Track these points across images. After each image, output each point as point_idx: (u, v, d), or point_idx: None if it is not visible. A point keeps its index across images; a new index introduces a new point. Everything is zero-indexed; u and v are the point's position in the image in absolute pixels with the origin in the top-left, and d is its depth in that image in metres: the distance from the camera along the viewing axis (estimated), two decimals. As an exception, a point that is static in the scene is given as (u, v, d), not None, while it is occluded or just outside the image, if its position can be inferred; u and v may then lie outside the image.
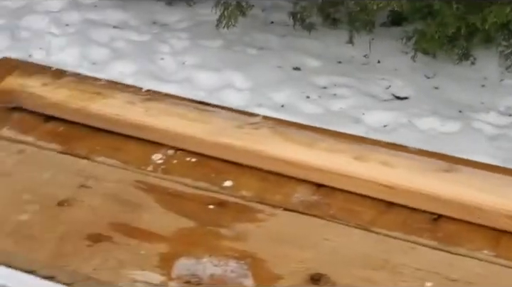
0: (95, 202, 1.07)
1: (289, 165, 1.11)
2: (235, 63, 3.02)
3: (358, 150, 1.12)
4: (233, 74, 2.95)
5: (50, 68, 1.36)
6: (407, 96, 2.86)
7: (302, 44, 3.15)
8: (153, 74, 2.98)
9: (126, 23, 3.39)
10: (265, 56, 3.09)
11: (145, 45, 3.19)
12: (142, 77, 2.96)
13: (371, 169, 1.09)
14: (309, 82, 2.93)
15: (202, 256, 0.98)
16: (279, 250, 1.00)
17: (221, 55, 3.09)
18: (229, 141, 1.14)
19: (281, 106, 2.79)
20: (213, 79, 2.93)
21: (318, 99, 2.82)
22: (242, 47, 3.16)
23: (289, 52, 3.11)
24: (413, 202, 1.06)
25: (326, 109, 2.77)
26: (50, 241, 1.01)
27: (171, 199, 1.09)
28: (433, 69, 3.00)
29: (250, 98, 2.84)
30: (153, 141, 1.17)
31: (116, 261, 0.98)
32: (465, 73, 3.02)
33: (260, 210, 1.07)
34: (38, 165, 1.15)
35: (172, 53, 3.14)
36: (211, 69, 2.98)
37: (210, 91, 2.84)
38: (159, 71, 3.03)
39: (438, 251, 1.00)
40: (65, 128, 1.24)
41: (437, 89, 2.92)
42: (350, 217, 1.06)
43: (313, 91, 2.87)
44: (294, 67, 3.04)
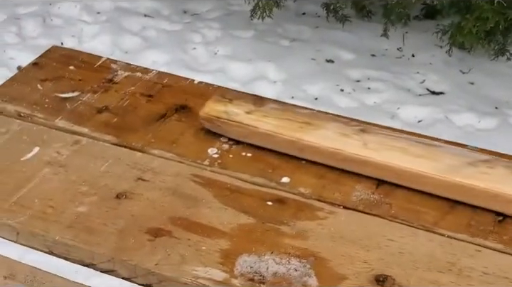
0: (153, 196, 1.06)
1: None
2: (267, 54, 3.00)
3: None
4: (266, 65, 2.93)
5: (247, 94, 1.26)
6: (443, 91, 2.82)
7: (335, 36, 3.12)
8: (186, 64, 2.96)
9: (157, 12, 3.38)
10: (298, 48, 3.06)
11: (177, 35, 3.17)
12: (175, 66, 2.94)
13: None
14: (343, 74, 2.90)
15: (264, 253, 0.97)
16: (342, 249, 0.98)
17: (253, 45, 3.07)
18: (463, 180, 1.04)
19: (314, 98, 2.77)
20: (246, 70, 2.91)
21: (352, 93, 2.80)
22: (275, 38, 3.13)
23: (322, 44, 3.08)
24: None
25: (361, 102, 2.74)
26: (110, 235, 1.00)
27: (229, 194, 1.07)
28: (468, 64, 2.96)
29: (283, 90, 2.82)
30: (372, 177, 1.09)
31: (179, 256, 0.96)
32: (501, 69, 2.98)
33: (320, 208, 1.05)
34: (94, 156, 1.14)
35: (204, 43, 3.12)
36: (244, 60, 2.97)
37: (243, 82, 2.82)
38: (192, 61, 3.02)
39: (505, 254, 0.98)
40: (118, 119, 1.23)
41: (473, 84, 2.88)
42: (412, 218, 1.04)
43: (347, 84, 2.85)
44: (327, 59, 3.01)
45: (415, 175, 1.06)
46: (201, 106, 1.26)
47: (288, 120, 1.15)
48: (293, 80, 2.86)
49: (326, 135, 1.12)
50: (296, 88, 2.82)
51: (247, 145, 1.17)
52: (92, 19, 3.27)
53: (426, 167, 1.06)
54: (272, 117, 1.15)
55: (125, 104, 1.27)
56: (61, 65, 1.37)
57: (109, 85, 1.31)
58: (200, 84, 1.33)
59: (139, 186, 1.08)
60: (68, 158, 1.14)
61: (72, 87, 1.31)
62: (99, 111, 1.25)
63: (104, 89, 1.30)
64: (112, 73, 1.35)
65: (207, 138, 1.19)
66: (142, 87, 1.31)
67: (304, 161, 1.14)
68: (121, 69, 1.36)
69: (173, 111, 1.25)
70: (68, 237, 0.99)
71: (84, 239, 0.99)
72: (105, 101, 1.27)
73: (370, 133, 1.13)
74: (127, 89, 1.30)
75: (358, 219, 1.03)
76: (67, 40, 3.15)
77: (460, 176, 1.05)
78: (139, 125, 1.22)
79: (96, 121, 1.23)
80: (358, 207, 1.06)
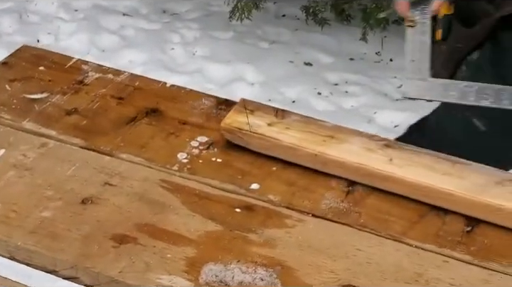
0: (120, 201, 1.05)
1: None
2: (246, 56, 2.98)
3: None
4: (244, 67, 2.92)
5: (268, 106, 1.21)
6: (419, 97, 2.83)
7: (314, 39, 3.11)
8: (163, 64, 2.94)
9: (136, 11, 3.34)
10: (277, 50, 3.05)
11: (155, 34, 3.14)
12: (152, 66, 2.92)
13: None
14: (321, 77, 2.89)
15: (230, 261, 0.96)
16: (309, 258, 0.97)
17: (232, 47, 3.05)
18: (492, 199, 1.02)
19: (292, 101, 2.76)
20: (224, 71, 2.89)
21: (330, 96, 2.79)
22: (254, 40, 3.12)
23: (301, 47, 3.07)
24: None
25: (338, 106, 2.74)
26: (74, 241, 0.98)
27: (197, 201, 1.06)
28: (446, 70, 2.97)
29: (261, 92, 2.80)
30: (397, 194, 1.06)
31: (143, 263, 0.95)
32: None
33: (288, 216, 1.04)
34: (61, 159, 1.12)
35: (182, 43, 3.10)
36: (222, 61, 2.95)
37: (220, 84, 2.80)
38: (170, 61, 2.99)
39: (472, 265, 0.98)
40: (88, 122, 1.21)
41: (450, 90, 2.89)
42: (381, 227, 1.03)
43: (324, 87, 2.84)
44: (305, 62, 3.00)
45: (441, 193, 1.04)
46: (172, 109, 1.25)
47: (311, 133, 1.13)
48: (271, 82, 2.85)
49: (350, 149, 1.10)
50: (274, 90, 2.81)
51: (217, 151, 1.16)
52: (70, 17, 3.23)
53: (453, 185, 1.04)
54: (294, 130, 1.13)
55: (95, 107, 1.25)
56: (31, 65, 1.35)
57: (79, 87, 1.29)
58: (172, 88, 1.31)
59: (106, 191, 1.06)
60: (34, 161, 1.12)
61: (42, 87, 1.28)
62: (68, 114, 1.23)
63: (74, 90, 1.28)
64: (82, 74, 1.33)
65: (177, 143, 1.17)
66: (113, 89, 1.29)
67: (274, 167, 1.13)
68: (93, 70, 1.34)
69: (144, 114, 1.23)
70: (31, 243, 0.97)
71: (47, 245, 0.97)
72: (75, 103, 1.25)
73: (395, 148, 1.11)
74: (98, 91, 1.28)
75: (326, 228, 1.03)
76: (43, 37, 3.11)
77: (487, 195, 1.03)
78: (109, 128, 1.20)
79: (64, 123, 1.20)
80: (327, 216, 1.05)
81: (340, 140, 1.12)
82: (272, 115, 1.16)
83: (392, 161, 1.08)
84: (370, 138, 1.13)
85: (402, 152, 1.11)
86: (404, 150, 1.11)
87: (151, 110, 1.24)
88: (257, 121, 1.15)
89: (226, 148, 1.16)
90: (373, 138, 1.13)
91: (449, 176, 1.06)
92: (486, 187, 1.04)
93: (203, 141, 1.18)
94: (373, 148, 1.11)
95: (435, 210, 1.06)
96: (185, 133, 1.19)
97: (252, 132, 1.13)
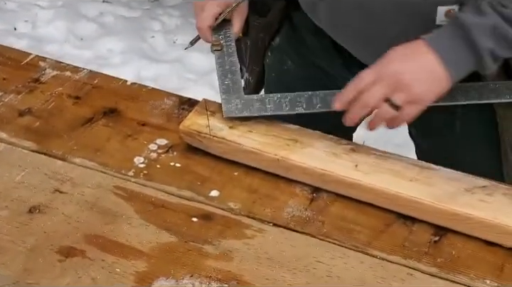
0: (69, 210, 0.99)
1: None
2: (227, 44, 2.91)
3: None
4: (225, 56, 2.85)
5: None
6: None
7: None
8: (143, 53, 2.87)
9: (116, -3, 3.27)
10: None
11: (135, 22, 3.07)
12: (132, 55, 2.86)
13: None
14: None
15: (182, 276, 0.91)
16: (267, 272, 0.92)
17: (214, 35, 2.98)
18: (460, 208, 0.97)
19: (273, 91, 2.70)
20: (205, 60, 2.82)
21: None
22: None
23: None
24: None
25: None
26: (18, 254, 0.92)
27: (152, 209, 1.00)
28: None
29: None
30: (363, 201, 1.02)
31: (90, 279, 0.90)
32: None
33: (248, 225, 0.99)
34: (10, 164, 1.06)
35: (163, 31, 3.03)
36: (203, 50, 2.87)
37: (200, 73, 2.74)
38: (149, 49, 2.93)
39: (437, 278, 0.93)
40: (41, 123, 1.15)
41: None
42: (345, 237, 0.98)
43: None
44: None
45: (409, 201, 0.99)
46: (132, 109, 1.19)
47: (274, 136, 1.07)
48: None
49: (315, 155, 1.05)
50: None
51: (177, 154, 1.10)
52: (47, 4, 3.15)
53: (421, 192, 0.99)
54: (257, 133, 1.08)
55: (50, 107, 1.19)
56: (-15, 62, 1.28)
57: (34, 85, 1.23)
58: (133, 86, 1.25)
59: (56, 199, 1.01)
60: (-18, 166, 1.06)
61: (-5, 86, 1.22)
62: (21, 114, 1.16)
63: (29, 89, 1.22)
64: (39, 72, 1.26)
65: (134, 146, 1.11)
66: (70, 87, 1.23)
67: (236, 173, 1.08)
68: (50, 67, 1.28)
69: (101, 115, 1.17)
70: (-28, 257, 0.92)
71: (-10, 258, 0.92)
72: (29, 102, 1.19)
73: (361, 153, 1.06)
74: (54, 89, 1.22)
75: (287, 238, 0.97)
76: (20, 25, 3.04)
77: (456, 204, 0.97)
78: (63, 130, 1.14)
79: (16, 125, 1.14)
80: (289, 225, 1.00)
81: (304, 144, 1.07)
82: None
83: (357, 167, 1.03)
84: (336, 141, 1.08)
85: (368, 157, 1.05)
86: (370, 155, 1.06)
87: (109, 110, 1.18)
88: (218, 123, 1.09)
89: (186, 151, 1.10)
90: (339, 142, 1.08)
91: (416, 183, 1.01)
92: (454, 194, 0.99)
93: (162, 143, 1.12)
94: (338, 153, 1.05)
95: (402, 218, 1.01)
96: (143, 135, 1.13)
97: (212, 136, 1.07)
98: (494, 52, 0.96)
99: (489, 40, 0.95)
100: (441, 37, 0.97)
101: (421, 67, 0.96)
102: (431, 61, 0.96)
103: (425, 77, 0.96)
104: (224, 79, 1.14)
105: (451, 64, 0.96)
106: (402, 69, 0.96)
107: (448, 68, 0.96)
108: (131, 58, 2.86)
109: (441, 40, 0.97)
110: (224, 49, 1.19)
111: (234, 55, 1.18)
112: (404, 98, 0.97)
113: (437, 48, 0.96)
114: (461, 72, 0.98)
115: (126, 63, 2.83)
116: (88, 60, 2.82)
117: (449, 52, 0.96)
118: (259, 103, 1.11)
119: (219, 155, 1.08)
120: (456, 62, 0.96)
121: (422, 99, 0.97)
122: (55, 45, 2.94)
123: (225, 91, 1.12)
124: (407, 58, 0.97)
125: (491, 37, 0.95)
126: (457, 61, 0.96)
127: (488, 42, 0.95)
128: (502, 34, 0.95)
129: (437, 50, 0.96)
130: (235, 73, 1.15)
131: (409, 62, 0.97)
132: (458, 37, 0.96)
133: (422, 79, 0.96)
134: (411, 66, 0.96)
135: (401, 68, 0.96)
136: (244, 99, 1.11)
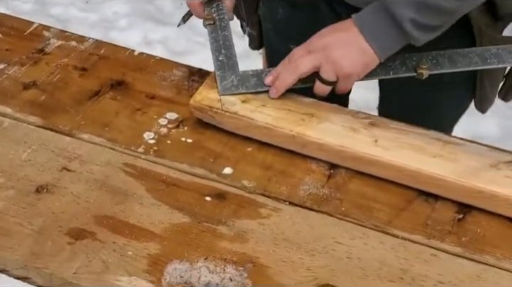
0: (78, 189, 0.95)
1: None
2: (236, 6, 2.84)
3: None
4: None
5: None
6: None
7: None
8: (149, 15, 2.80)
9: (121, -43, 3.18)
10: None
11: (141, -17, 2.99)
12: (138, 17, 2.79)
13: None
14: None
15: (197, 259, 0.87)
16: (284, 254, 0.89)
17: (222, -4, 2.90)
18: (486, 185, 0.93)
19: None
20: (213, 23, 2.76)
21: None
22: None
23: None
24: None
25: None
26: (26, 237, 0.89)
27: (164, 188, 0.97)
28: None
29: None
30: (382, 182, 0.98)
31: (101, 262, 0.86)
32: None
33: (263, 204, 0.95)
34: (16, 141, 1.02)
35: (170, -8, 2.95)
36: (211, 11, 2.81)
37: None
38: (156, 12, 2.86)
39: (462, 258, 0.89)
40: (47, 97, 1.11)
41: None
42: (364, 216, 0.94)
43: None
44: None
45: (432, 178, 0.95)
46: (140, 81, 1.14)
47: (289, 111, 1.02)
48: (262, 34, 2.72)
49: (332, 130, 1.00)
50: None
51: (188, 129, 1.06)
52: (52, -36, 3.07)
53: (443, 168, 0.95)
54: (271, 107, 1.03)
55: (55, 79, 1.14)
56: (-13, 31, 1.23)
57: (39, 56, 1.18)
58: (141, 56, 1.20)
59: (64, 177, 0.97)
60: (-13, 143, 1.02)
61: (-2, 58, 1.18)
62: (26, 88, 1.12)
63: (33, 60, 1.17)
64: (43, 42, 1.21)
65: (143, 121, 1.07)
66: (76, 58, 1.18)
67: (249, 148, 1.03)
68: (55, 37, 1.23)
69: (108, 87, 1.13)
70: (-22, 240, 0.89)
71: (-3, 241, 0.89)
72: (33, 75, 1.15)
73: (381, 127, 1.01)
74: (59, 61, 1.18)
75: (304, 218, 0.94)
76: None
77: (481, 181, 0.93)
78: (69, 104, 1.09)
79: (21, 99, 1.10)
80: (305, 204, 0.96)
81: (321, 118, 1.02)
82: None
83: (377, 143, 0.98)
84: (354, 115, 1.03)
85: (388, 131, 1.01)
86: (391, 129, 1.01)
87: (117, 82, 1.14)
88: (230, 97, 1.05)
89: (197, 126, 1.06)
90: (357, 116, 1.03)
91: (439, 159, 0.96)
92: (479, 170, 0.95)
93: (173, 118, 1.08)
94: (357, 128, 1.01)
95: (424, 195, 0.97)
96: (152, 109, 1.09)
97: (224, 111, 1.02)
98: (416, 21, 0.97)
99: (409, 9, 0.97)
100: (366, 13, 1.01)
101: (345, 41, 1.00)
102: (354, 35, 1.00)
103: (349, 50, 1.00)
104: (218, 55, 1.10)
105: (373, 38, 0.99)
106: (329, 43, 1.00)
107: (371, 42, 0.99)
108: (137, 21, 2.80)
109: (365, 16, 1.00)
110: (217, 23, 1.15)
111: (227, 28, 1.13)
112: (333, 72, 1.00)
113: (360, 23, 1.00)
114: (387, 45, 1.01)
115: (133, 26, 2.76)
116: (94, 23, 2.76)
117: (371, 27, 0.99)
118: (255, 78, 1.06)
119: (231, 130, 1.04)
120: (378, 36, 1.00)
121: (351, 72, 1.01)
122: (59, 8, 2.87)
123: (219, 68, 1.08)
124: (334, 34, 1.01)
125: (410, 6, 0.97)
126: (380, 35, 1.00)
127: (408, 12, 0.97)
128: (421, 1, 0.96)
129: (360, 24, 1.00)
130: (229, 48, 1.11)
131: (335, 37, 1.01)
132: (380, 11, 0.99)
133: (346, 52, 1.00)
134: (336, 40, 1.01)
135: (328, 43, 1.00)
136: (240, 74, 1.07)
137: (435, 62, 1.06)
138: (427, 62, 1.05)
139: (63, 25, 2.76)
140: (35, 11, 2.84)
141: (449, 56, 1.07)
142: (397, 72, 1.06)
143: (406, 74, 1.06)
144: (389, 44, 1.02)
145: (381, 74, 1.05)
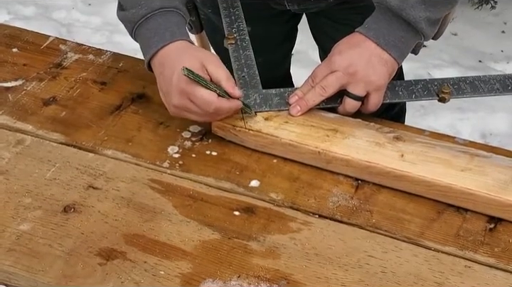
0: (106, 208, 0.95)
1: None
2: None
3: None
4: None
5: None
6: (424, 44, 2.69)
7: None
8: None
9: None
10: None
11: (144, -16, 2.97)
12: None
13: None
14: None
15: (230, 277, 0.87)
16: (318, 270, 0.88)
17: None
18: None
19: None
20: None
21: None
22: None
23: None
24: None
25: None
26: (56, 259, 0.88)
27: (191, 203, 0.96)
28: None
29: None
30: (411, 193, 0.97)
31: (133, 283, 0.85)
32: (484, 18, 2.85)
33: (293, 218, 0.94)
34: (39, 159, 1.01)
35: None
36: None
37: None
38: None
39: (496, 270, 0.89)
40: (67, 113, 1.10)
41: (456, 35, 2.75)
42: (395, 228, 0.93)
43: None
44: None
45: (462, 193, 0.94)
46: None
47: (312, 127, 1.02)
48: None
49: (357, 145, 0.99)
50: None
51: (212, 141, 1.05)
52: (53, -32, 3.05)
53: (474, 183, 0.94)
54: (293, 123, 1.02)
55: (75, 94, 1.13)
56: (3, 46, 1.22)
57: (57, 71, 1.17)
58: (159, 67, 1.18)
59: (90, 196, 0.96)
60: (10, 162, 1.01)
61: (16, 73, 1.16)
62: (46, 104, 1.11)
63: (51, 75, 1.16)
64: (60, 56, 1.20)
65: (167, 134, 1.06)
66: (94, 72, 1.17)
67: (275, 160, 1.03)
68: (72, 50, 1.22)
69: (129, 101, 1.12)
70: (8, 263, 0.88)
71: (27, 264, 0.87)
72: (53, 90, 1.14)
73: (406, 141, 1.01)
74: (78, 75, 1.17)
75: (335, 231, 0.93)
76: (26, -8, 2.94)
77: (510, 194, 0.92)
78: (91, 119, 1.08)
79: (42, 115, 1.09)
80: (335, 216, 0.95)
81: (345, 134, 1.01)
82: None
83: (404, 157, 0.97)
84: (378, 129, 1.02)
85: (413, 145, 1.00)
86: (416, 143, 1.00)
87: (137, 96, 1.13)
88: (254, 117, 1.04)
89: (221, 138, 1.05)
90: (381, 130, 1.02)
91: (468, 172, 0.96)
92: (508, 183, 0.94)
93: (196, 131, 1.07)
94: (382, 142, 1.00)
95: (454, 205, 0.96)
96: (175, 122, 1.08)
97: (247, 129, 1.01)
98: (429, 18, 1.00)
99: (419, 9, 0.99)
100: (375, 23, 1.02)
101: (365, 56, 1.01)
102: (372, 48, 1.01)
103: (372, 65, 1.01)
104: (241, 74, 1.10)
105: (390, 47, 1.01)
106: (352, 61, 1.01)
107: (389, 51, 1.01)
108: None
109: (377, 26, 1.02)
110: (238, 42, 1.16)
111: (248, 48, 1.15)
112: (363, 88, 1.01)
113: (374, 36, 1.01)
114: (405, 49, 1.03)
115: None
116: (97, 27, 2.74)
117: (385, 37, 1.01)
118: (278, 97, 1.07)
119: (255, 148, 1.03)
120: (395, 43, 1.01)
121: (382, 83, 1.02)
122: (62, 12, 2.85)
123: (242, 86, 1.08)
124: (352, 51, 1.02)
125: (420, 5, 0.99)
126: (396, 42, 1.01)
127: (420, 13, 0.99)
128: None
129: (375, 37, 1.01)
130: (251, 67, 1.11)
131: (355, 54, 1.01)
132: (391, 19, 1.00)
133: (371, 67, 1.01)
134: (359, 57, 1.01)
135: (351, 61, 1.01)
136: (263, 93, 1.07)
137: (457, 88, 1.08)
138: (449, 87, 1.07)
139: (67, 29, 2.75)
140: (37, 15, 2.82)
141: (470, 82, 1.09)
142: (419, 95, 1.08)
143: (428, 99, 1.07)
144: (406, 48, 1.04)
145: (403, 97, 1.08)
